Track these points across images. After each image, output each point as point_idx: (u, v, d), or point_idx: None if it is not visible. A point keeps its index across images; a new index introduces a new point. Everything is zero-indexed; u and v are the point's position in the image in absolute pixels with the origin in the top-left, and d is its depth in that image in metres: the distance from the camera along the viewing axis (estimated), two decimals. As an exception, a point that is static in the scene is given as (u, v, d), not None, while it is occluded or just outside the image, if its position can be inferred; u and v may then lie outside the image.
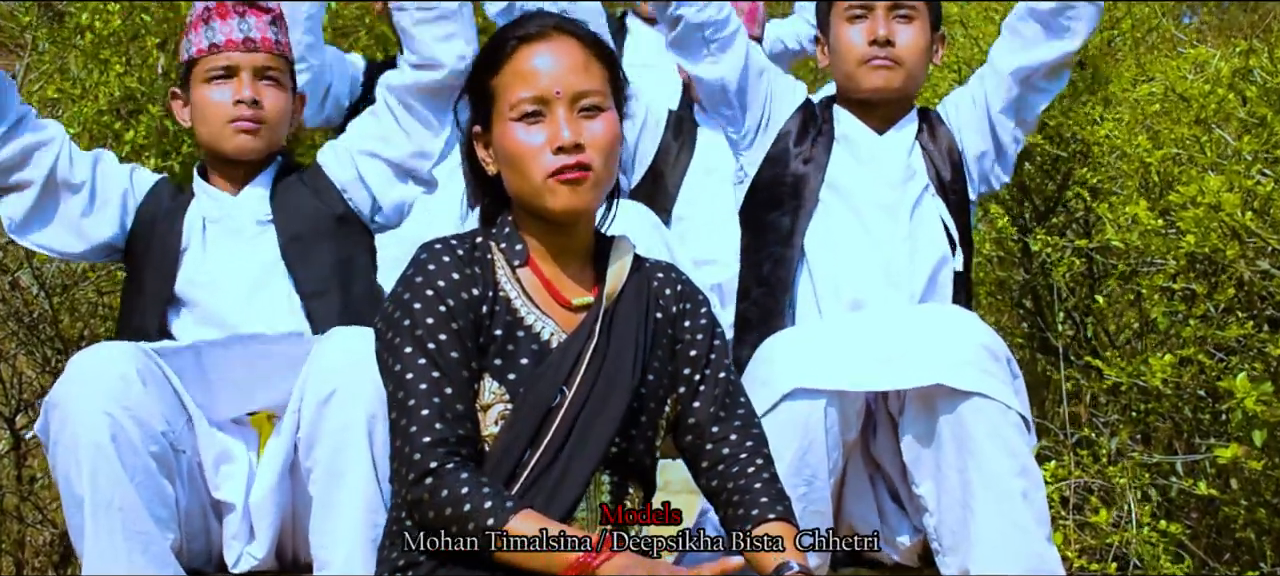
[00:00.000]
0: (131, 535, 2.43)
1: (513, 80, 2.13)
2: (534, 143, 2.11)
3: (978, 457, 2.53)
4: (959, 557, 2.59)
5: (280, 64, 2.92)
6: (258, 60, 2.88)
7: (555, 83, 2.11)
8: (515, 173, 2.14)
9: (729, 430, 2.23)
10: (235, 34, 2.86)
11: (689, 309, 2.28)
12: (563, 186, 2.10)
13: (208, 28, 2.86)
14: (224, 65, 2.86)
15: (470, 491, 1.98)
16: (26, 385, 3.94)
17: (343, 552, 2.44)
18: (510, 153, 2.13)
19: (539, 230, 2.19)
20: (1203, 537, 3.54)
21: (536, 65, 2.12)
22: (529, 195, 2.13)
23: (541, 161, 2.10)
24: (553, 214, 2.13)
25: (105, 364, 2.47)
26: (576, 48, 2.15)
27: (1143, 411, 3.70)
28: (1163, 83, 3.82)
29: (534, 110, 2.11)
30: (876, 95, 3.06)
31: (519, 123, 2.12)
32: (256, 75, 2.88)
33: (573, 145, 2.09)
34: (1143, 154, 3.63)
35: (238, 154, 2.89)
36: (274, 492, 2.61)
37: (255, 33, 2.88)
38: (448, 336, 2.07)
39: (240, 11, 2.87)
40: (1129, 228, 3.57)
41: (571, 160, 2.09)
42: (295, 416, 2.52)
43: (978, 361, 2.53)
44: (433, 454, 2.01)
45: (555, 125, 2.10)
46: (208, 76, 2.87)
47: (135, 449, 2.43)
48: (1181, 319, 3.48)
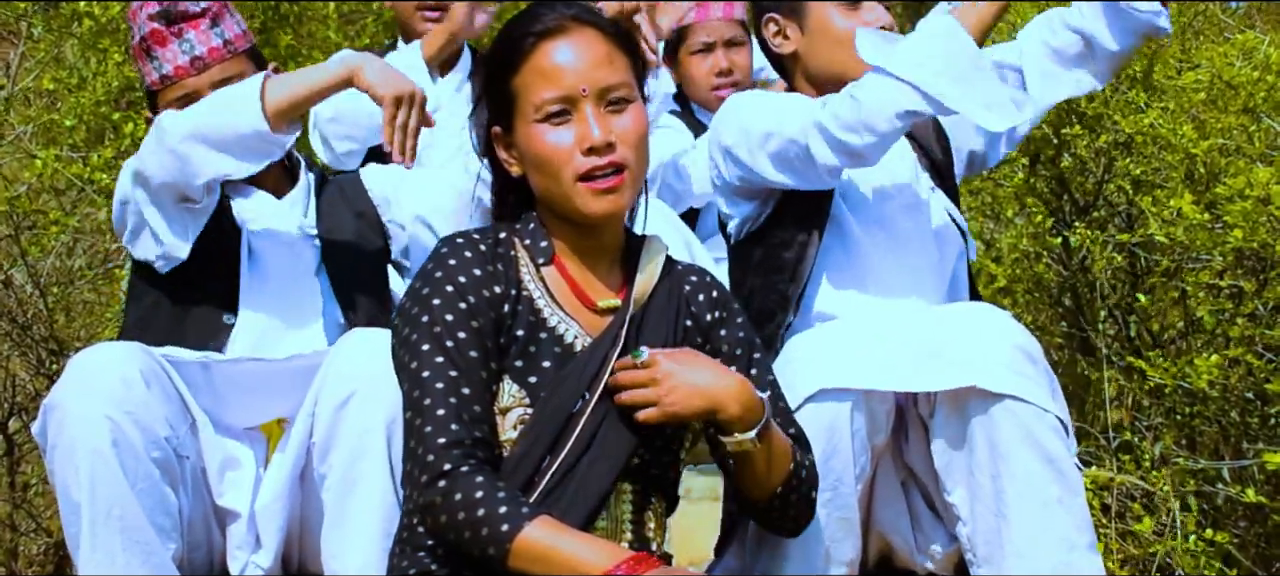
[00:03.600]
0: (131, 545, 2.40)
1: (535, 79, 2.08)
2: (562, 144, 2.06)
3: (1011, 463, 2.47)
4: (993, 568, 2.54)
5: (238, 66, 2.84)
6: (213, 76, 2.81)
7: (581, 79, 2.07)
8: (544, 176, 2.09)
9: None
10: (180, 59, 2.81)
11: (723, 317, 2.25)
12: (596, 194, 2.06)
13: (151, 59, 2.82)
14: (181, 95, 2.81)
15: (485, 495, 1.92)
16: (20, 388, 3.93)
17: (355, 563, 2.41)
18: (538, 156, 2.08)
19: (567, 230, 2.15)
20: (1251, 547, 3.52)
21: (559, 62, 2.07)
22: (560, 200, 2.09)
23: (571, 163, 2.06)
24: (586, 218, 2.09)
25: (107, 365, 2.43)
26: (598, 39, 2.11)
27: (1188, 414, 3.69)
28: (1209, 70, 3.83)
29: (560, 109, 2.07)
30: None
31: (545, 124, 2.07)
32: (215, 89, 2.79)
33: (604, 144, 2.05)
34: (1188, 144, 3.64)
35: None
36: (282, 499, 2.58)
37: (200, 48, 2.81)
38: (467, 334, 2.02)
39: (176, 32, 2.80)
40: (1173, 222, 3.57)
41: (603, 161, 2.05)
42: (309, 420, 2.49)
43: (1012, 362, 2.47)
44: (447, 455, 1.95)
45: (584, 124, 2.06)
46: (170, 105, 2.81)
47: (137, 455, 2.40)
48: (1228, 317, 3.48)
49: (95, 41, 4.06)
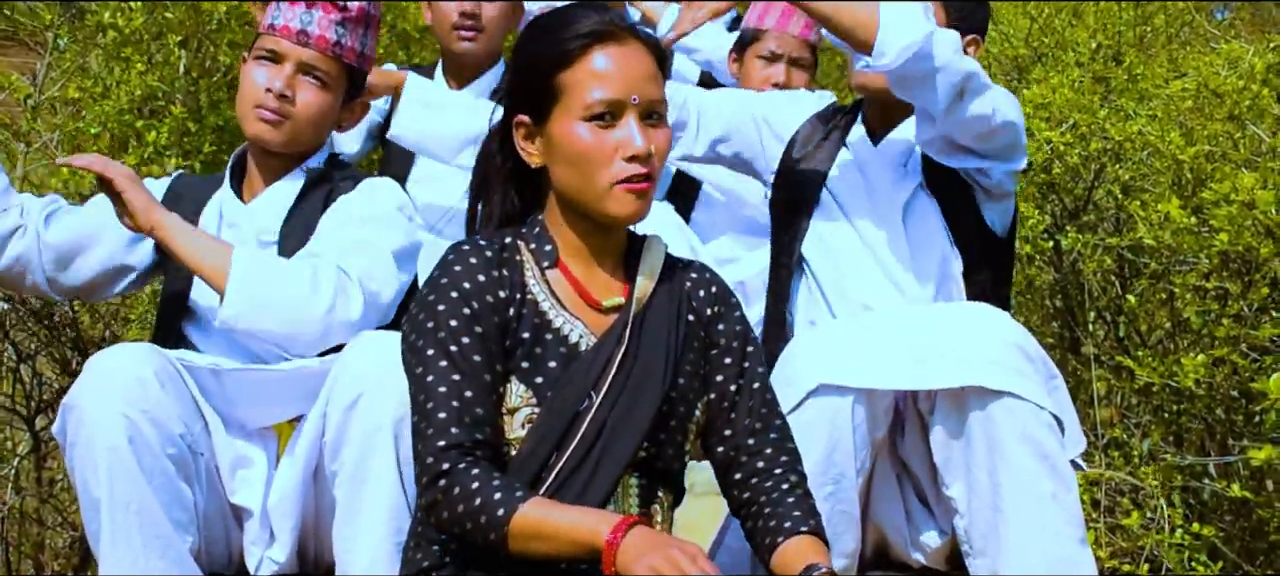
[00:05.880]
0: (149, 538, 2.42)
1: (587, 78, 2.09)
2: (604, 145, 2.08)
3: (1007, 459, 2.50)
4: (989, 560, 2.57)
5: (331, 66, 2.83)
6: (305, 55, 2.81)
7: (632, 89, 2.09)
8: (577, 171, 2.10)
9: (765, 444, 2.21)
10: (294, 22, 2.81)
11: (722, 311, 2.25)
12: (629, 195, 2.08)
13: (277, 7, 2.83)
14: (271, 49, 2.82)
15: (480, 487, 1.96)
16: (46, 387, 3.93)
17: (366, 556, 2.43)
18: (576, 151, 2.09)
19: (580, 228, 2.16)
20: (1236, 541, 3.52)
21: (614, 68, 2.09)
22: (589, 198, 2.11)
23: (611, 166, 2.08)
24: (612, 219, 2.11)
25: (123, 366, 2.45)
26: (647, 55, 2.13)
27: (1175, 412, 3.70)
28: (1195, 78, 3.84)
29: (605, 111, 2.08)
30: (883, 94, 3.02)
31: (588, 123, 2.08)
32: (300, 69, 2.81)
33: (646, 155, 2.08)
34: (1175, 150, 3.64)
35: (254, 139, 2.85)
36: (296, 495, 2.59)
37: (314, 27, 2.81)
38: (471, 339, 2.04)
39: (310, 1, 2.82)
40: (1161, 225, 3.57)
41: (642, 170, 2.08)
42: (320, 420, 2.51)
43: (1010, 361, 2.51)
44: (446, 457, 1.99)
45: (628, 132, 2.08)
46: (258, 53, 2.84)
47: (153, 451, 2.42)
48: (1214, 318, 3.48)
49: (119, 51, 4.08)
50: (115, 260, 2.92)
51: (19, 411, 3.91)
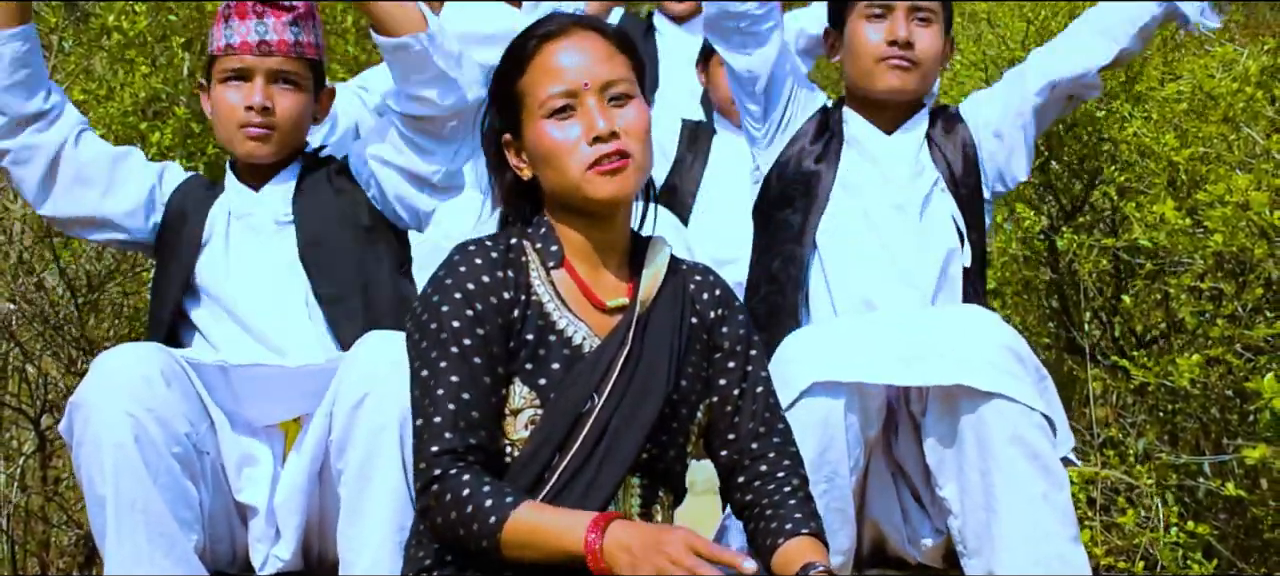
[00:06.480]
0: (154, 536, 2.44)
1: (540, 78, 2.11)
2: (569, 137, 2.09)
3: (999, 459, 2.52)
4: (983, 559, 2.60)
5: (298, 66, 2.86)
6: (271, 64, 2.83)
7: (582, 74, 2.10)
8: (552, 170, 2.12)
9: (768, 448, 2.22)
10: (250, 36, 2.82)
11: (725, 314, 2.25)
12: (604, 176, 2.08)
13: (226, 26, 2.84)
14: (237, 67, 2.83)
15: (471, 492, 1.96)
16: (52, 386, 3.94)
17: (370, 555, 2.45)
18: (546, 150, 2.11)
19: (579, 227, 2.16)
20: (1230, 539, 3.52)
21: (562, 60, 2.11)
22: (570, 190, 2.11)
23: (578, 154, 2.08)
24: (595, 205, 2.11)
25: (129, 364, 2.47)
26: (598, 40, 2.14)
27: (1170, 411, 3.71)
28: (1191, 81, 3.81)
29: (564, 105, 2.09)
30: (891, 96, 3.05)
31: (550, 120, 2.10)
32: (271, 78, 2.83)
33: (609, 133, 2.07)
34: (1170, 152, 3.62)
35: (248, 158, 2.88)
36: (300, 493, 2.61)
37: (271, 35, 2.83)
38: (473, 341, 2.04)
39: (258, 12, 2.82)
40: (1156, 227, 3.56)
41: (609, 148, 2.07)
42: (326, 419, 2.53)
43: (1000, 362, 2.53)
44: (438, 462, 1.99)
45: (588, 116, 2.09)
46: (223, 76, 2.85)
47: (158, 449, 2.44)
48: (1209, 318, 3.48)
49: (123, 54, 4.08)
50: (111, 213, 2.89)
51: (24, 410, 3.93)
